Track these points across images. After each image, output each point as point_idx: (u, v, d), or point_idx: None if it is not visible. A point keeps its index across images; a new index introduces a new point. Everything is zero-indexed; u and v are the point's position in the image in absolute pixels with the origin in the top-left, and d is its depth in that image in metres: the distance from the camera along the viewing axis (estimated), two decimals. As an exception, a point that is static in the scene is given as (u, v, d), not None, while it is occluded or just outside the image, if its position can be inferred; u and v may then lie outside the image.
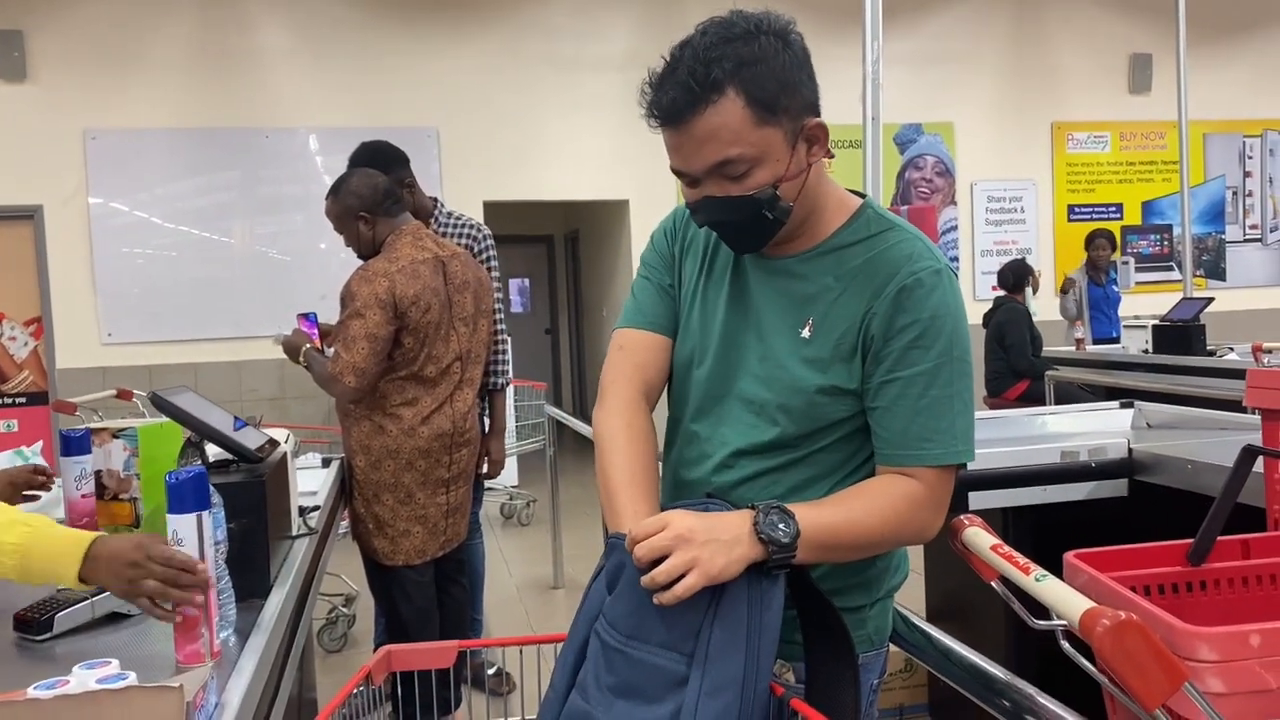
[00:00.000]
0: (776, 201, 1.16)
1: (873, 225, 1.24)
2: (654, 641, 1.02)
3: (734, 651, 0.99)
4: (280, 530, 1.74)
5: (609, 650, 1.05)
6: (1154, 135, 8.07)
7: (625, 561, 1.06)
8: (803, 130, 1.16)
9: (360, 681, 1.20)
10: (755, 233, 1.20)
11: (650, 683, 1.01)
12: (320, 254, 6.36)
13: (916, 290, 1.17)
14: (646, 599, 1.02)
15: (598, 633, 1.08)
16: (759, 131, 1.12)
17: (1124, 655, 0.86)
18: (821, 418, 1.22)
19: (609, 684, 1.03)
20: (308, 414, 6.23)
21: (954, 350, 1.18)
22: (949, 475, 1.19)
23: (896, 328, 1.17)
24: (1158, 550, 1.23)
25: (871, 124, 2.60)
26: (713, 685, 0.98)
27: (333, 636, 3.90)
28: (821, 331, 1.21)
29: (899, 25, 7.00)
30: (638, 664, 1.02)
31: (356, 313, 2.59)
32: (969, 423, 1.19)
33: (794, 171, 1.16)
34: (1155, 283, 7.97)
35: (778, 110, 1.12)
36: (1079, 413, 3.06)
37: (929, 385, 1.16)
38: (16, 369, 6.13)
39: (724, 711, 0.97)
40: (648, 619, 1.03)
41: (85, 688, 1.00)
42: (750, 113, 1.11)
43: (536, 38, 6.88)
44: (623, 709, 1.01)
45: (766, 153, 1.13)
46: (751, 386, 1.25)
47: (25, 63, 6.07)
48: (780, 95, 1.12)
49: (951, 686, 1.25)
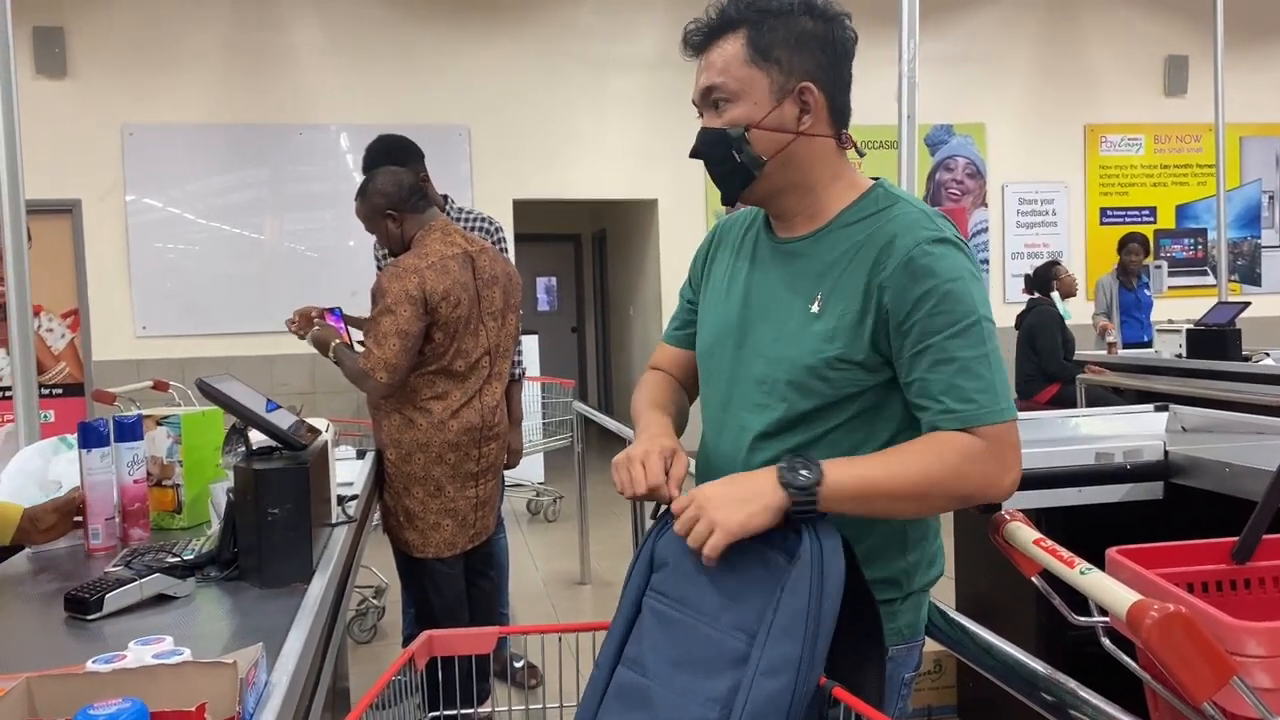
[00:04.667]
0: (744, 144, 1.22)
1: (880, 201, 1.26)
2: (724, 620, 1.07)
3: (793, 635, 1.02)
4: (321, 518, 1.76)
5: (673, 624, 1.09)
6: (1189, 138, 7.98)
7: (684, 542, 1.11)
8: (794, 90, 1.22)
9: (402, 665, 1.22)
10: (728, 176, 1.26)
11: (714, 657, 1.05)
12: (349, 251, 6.42)
13: (925, 258, 1.18)
14: (713, 577, 1.09)
15: (656, 608, 1.11)
16: (746, 69, 1.21)
17: (1172, 648, 0.86)
18: (831, 392, 1.23)
19: (672, 656, 1.07)
20: (337, 408, 6.29)
21: (979, 309, 1.19)
22: (1006, 430, 1.16)
23: (913, 298, 1.17)
24: (1201, 548, 1.22)
25: (907, 123, 2.60)
26: (769, 665, 1.01)
27: (363, 628, 3.93)
28: (830, 304, 1.23)
29: (930, 26, 6.96)
30: (704, 639, 1.06)
31: (387, 309, 2.61)
32: (1006, 379, 1.19)
33: (772, 124, 1.22)
34: (1189, 287, 7.89)
35: (770, 59, 1.20)
36: (1113, 415, 3.04)
37: (963, 346, 1.16)
38: (54, 360, 6.23)
39: (779, 692, 1.00)
40: (717, 596, 1.08)
41: (142, 662, 1.03)
42: (746, 51, 1.21)
43: (567, 37, 6.91)
44: (684, 681, 1.05)
45: (746, 92, 1.21)
46: (764, 368, 1.27)
47: (65, 59, 6.17)
48: (777, 47, 1.20)
49: (981, 688, 1.25)
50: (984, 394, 1.16)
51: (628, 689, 1.09)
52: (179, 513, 2.00)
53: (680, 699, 1.05)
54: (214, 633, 1.30)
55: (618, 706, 1.10)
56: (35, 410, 2.66)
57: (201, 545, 1.71)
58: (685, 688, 1.04)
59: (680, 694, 1.05)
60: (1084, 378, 5.41)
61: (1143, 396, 4.43)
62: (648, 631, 1.11)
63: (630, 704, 1.09)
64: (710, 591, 1.09)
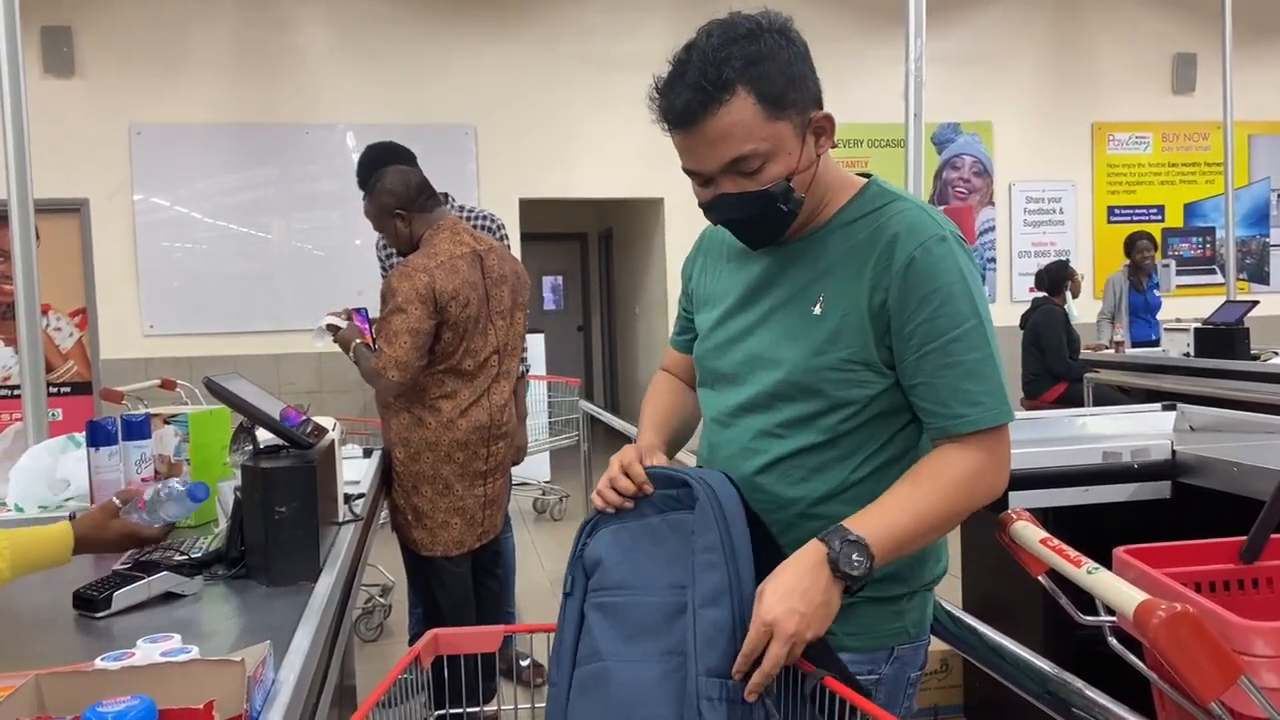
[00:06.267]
0: (790, 194, 1.19)
1: (877, 200, 1.26)
2: (660, 585, 1.13)
3: (716, 566, 1.09)
4: (328, 516, 1.77)
5: (616, 609, 1.14)
6: (1197, 136, 7.94)
7: (619, 537, 1.18)
8: (811, 123, 1.20)
9: (409, 664, 1.22)
10: (770, 226, 1.23)
11: (659, 620, 1.11)
12: (356, 250, 6.43)
13: (925, 260, 1.18)
14: (639, 555, 1.16)
15: (598, 604, 1.16)
16: (770, 127, 1.15)
17: (1179, 647, 0.86)
18: (835, 394, 1.23)
19: (621, 634, 1.12)
20: (343, 407, 6.29)
21: (980, 311, 1.19)
22: (1004, 433, 1.19)
23: (915, 300, 1.18)
24: (1208, 547, 1.22)
25: (914, 121, 2.60)
26: (704, 598, 1.08)
27: (369, 626, 3.94)
28: (832, 305, 1.23)
29: (937, 24, 6.92)
30: (646, 607, 1.12)
31: (398, 308, 2.62)
32: (1003, 377, 1.21)
33: (805, 163, 1.20)
34: (1196, 286, 7.86)
35: (786, 105, 1.16)
36: (1120, 414, 3.03)
37: (967, 349, 1.17)
38: (62, 359, 6.25)
39: (721, 618, 1.07)
40: (649, 567, 1.15)
41: (150, 660, 1.03)
42: (761, 109, 1.14)
43: (573, 36, 6.91)
44: (637, 650, 1.10)
45: (779, 147, 1.17)
46: (767, 370, 1.27)
47: (73, 58, 6.18)
48: (788, 90, 1.16)
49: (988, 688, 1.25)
50: (990, 395, 1.17)
51: (588, 680, 1.13)
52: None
53: (637, 665, 1.10)
54: (221, 630, 1.30)
55: (582, 699, 1.13)
56: (44, 408, 2.67)
57: (209, 543, 1.71)
58: (639, 654, 1.10)
59: (636, 661, 1.10)
60: (1092, 377, 5.40)
61: (1150, 395, 4.42)
62: (594, 626, 1.15)
63: (592, 690, 1.12)
64: (643, 567, 1.15)
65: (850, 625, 1.24)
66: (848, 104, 7.30)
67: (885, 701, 1.27)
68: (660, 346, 7.61)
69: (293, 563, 1.48)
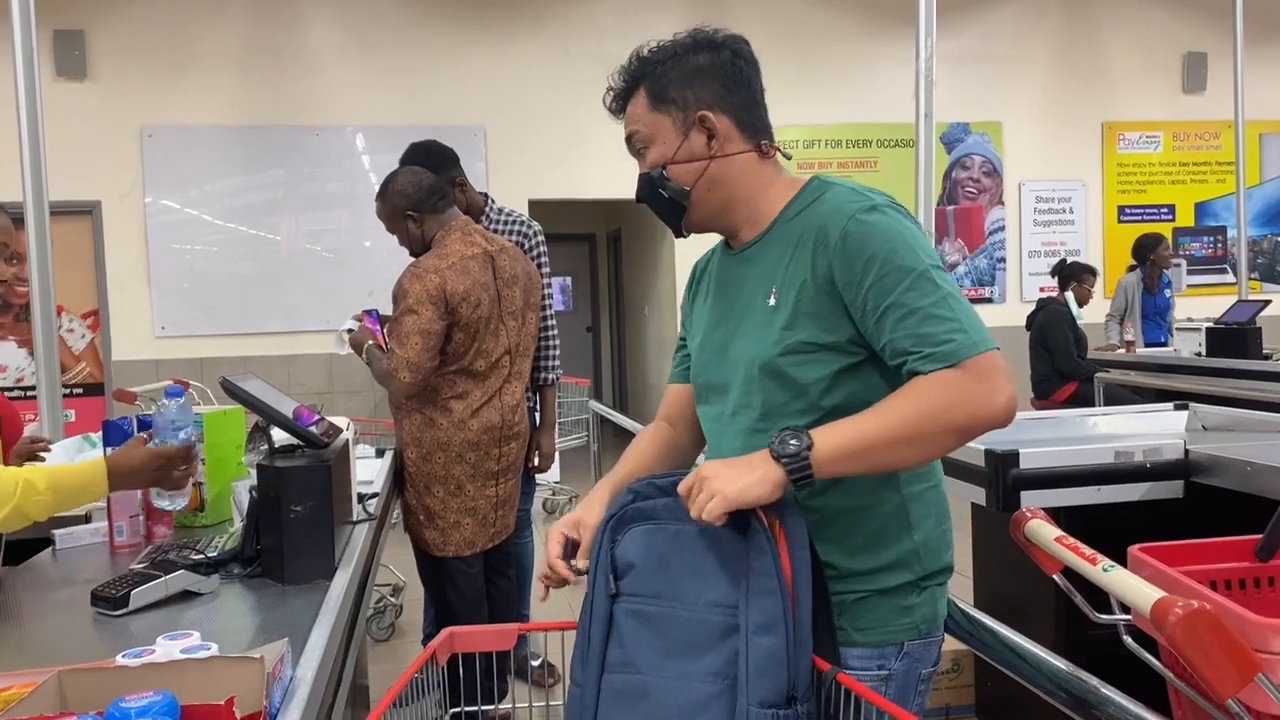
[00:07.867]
0: (665, 180, 1.35)
1: (814, 193, 1.32)
2: (701, 601, 1.13)
3: (770, 592, 1.09)
4: (343, 515, 1.78)
5: (652, 619, 1.14)
6: (1208, 135, 7.91)
7: (653, 540, 1.18)
8: (694, 121, 1.32)
9: (424, 662, 1.23)
10: (665, 211, 1.38)
11: (701, 638, 1.11)
12: (365, 251, 6.45)
13: (859, 229, 1.22)
14: (676, 565, 1.15)
15: (631, 609, 1.16)
16: (651, 116, 1.34)
17: (1196, 644, 0.86)
18: (798, 377, 1.26)
19: (658, 647, 1.12)
20: (354, 408, 6.31)
21: (924, 259, 1.20)
22: (988, 358, 1.15)
23: (859, 268, 1.21)
24: (1223, 545, 1.22)
25: (924, 121, 2.59)
26: (759, 625, 1.08)
27: (381, 626, 3.95)
28: (784, 294, 1.28)
29: (946, 24, 6.93)
30: (687, 624, 1.13)
31: (409, 309, 2.63)
32: (974, 315, 1.18)
33: (684, 156, 1.33)
34: (1208, 285, 7.82)
35: (666, 100, 1.33)
36: (1132, 414, 3.02)
37: (919, 297, 1.17)
38: (74, 360, 6.29)
39: (775, 646, 1.07)
40: (689, 581, 1.14)
41: (171, 657, 1.04)
42: (648, 102, 1.34)
43: (582, 37, 6.92)
44: (676, 667, 1.10)
45: (655, 135, 1.34)
46: (744, 369, 1.32)
47: (86, 61, 6.22)
48: (671, 89, 1.33)
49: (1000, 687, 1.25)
50: (956, 333, 1.16)
51: (622, 690, 1.13)
52: (201, 510, 2.02)
53: (677, 684, 1.10)
54: (238, 628, 1.31)
55: (615, 710, 1.14)
56: (59, 409, 2.69)
57: (225, 542, 1.73)
58: (680, 672, 1.10)
59: (676, 679, 1.10)
60: (1103, 376, 5.38)
61: (1161, 395, 4.41)
62: (628, 633, 1.15)
63: (628, 703, 1.13)
64: (682, 579, 1.15)
65: (858, 620, 1.26)
66: (858, 104, 7.30)
67: (896, 698, 1.27)
68: (669, 346, 7.60)
69: (308, 561, 1.48)
